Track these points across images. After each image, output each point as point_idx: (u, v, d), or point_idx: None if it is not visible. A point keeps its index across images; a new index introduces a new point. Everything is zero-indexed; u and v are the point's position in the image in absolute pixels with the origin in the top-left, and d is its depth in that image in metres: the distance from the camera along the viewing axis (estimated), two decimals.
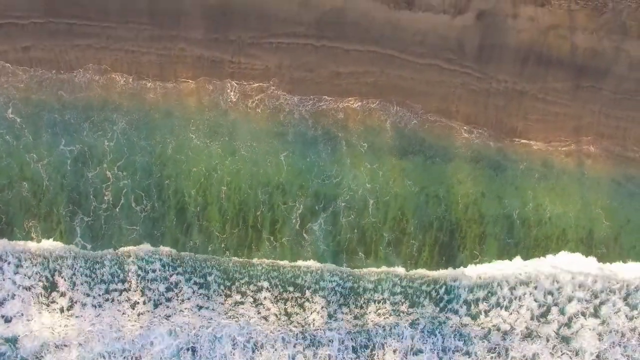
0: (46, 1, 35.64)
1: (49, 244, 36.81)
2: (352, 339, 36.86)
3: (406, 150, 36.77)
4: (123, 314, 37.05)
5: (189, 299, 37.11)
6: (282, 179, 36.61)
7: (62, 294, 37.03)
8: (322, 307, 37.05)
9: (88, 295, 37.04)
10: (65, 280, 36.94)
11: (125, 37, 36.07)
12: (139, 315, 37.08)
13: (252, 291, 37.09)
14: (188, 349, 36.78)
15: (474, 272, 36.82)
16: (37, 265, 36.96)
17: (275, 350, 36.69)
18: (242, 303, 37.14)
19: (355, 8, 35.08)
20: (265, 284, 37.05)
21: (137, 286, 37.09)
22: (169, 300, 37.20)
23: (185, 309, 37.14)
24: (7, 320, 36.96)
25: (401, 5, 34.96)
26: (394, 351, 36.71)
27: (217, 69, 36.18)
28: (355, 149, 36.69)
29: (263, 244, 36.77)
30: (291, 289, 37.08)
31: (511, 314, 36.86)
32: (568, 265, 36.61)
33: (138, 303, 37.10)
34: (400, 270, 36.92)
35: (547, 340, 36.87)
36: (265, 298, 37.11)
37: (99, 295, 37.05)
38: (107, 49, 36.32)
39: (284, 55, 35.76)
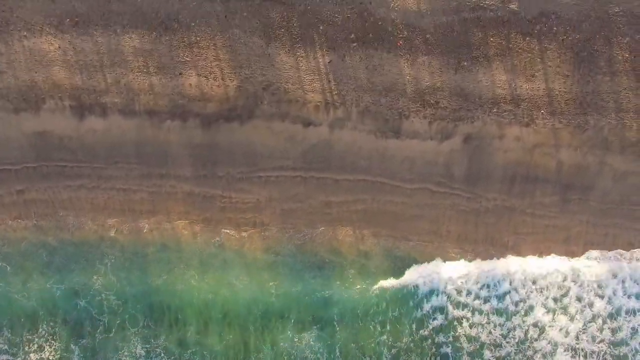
0: (37, 148, 35.98)
1: None
2: None
3: (400, 271, 37.25)
4: None
5: None
6: (275, 306, 37.02)
7: None
8: None
9: None
10: None
11: (115, 177, 36.40)
12: None
13: None
14: None
15: None
16: None
17: None
18: None
19: (342, 140, 35.42)
20: None
21: None
22: None
23: None
24: None
25: (388, 134, 35.31)
26: None
27: (208, 203, 36.51)
28: (345, 272, 37.10)
29: None
30: None
31: None
32: None
33: None
34: None
35: None
36: None
37: None
38: (99, 188, 36.65)
39: (273, 189, 36.13)
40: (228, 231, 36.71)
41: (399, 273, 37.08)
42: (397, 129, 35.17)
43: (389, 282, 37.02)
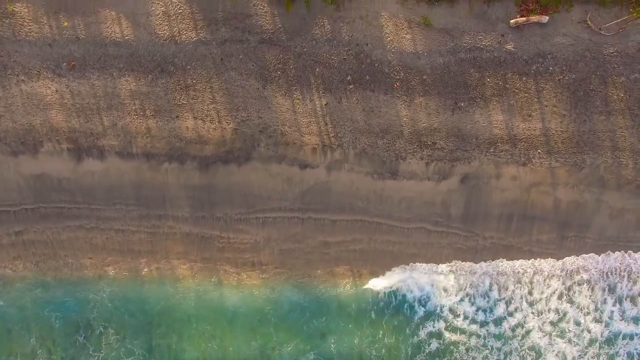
0: (35, 190, 36.05)
1: None
2: None
3: (398, 310, 37.46)
4: None
5: None
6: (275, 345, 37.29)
7: None
8: None
9: None
10: None
11: (113, 217, 36.47)
12: None
13: None
14: None
15: None
16: None
17: None
18: None
19: (339, 181, 35.50)
20: None
21: None
22: None
23: None
24: None
25: (385, 175, 35.38)
26: None
27: (207, 243, 36.61)
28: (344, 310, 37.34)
29: None
30: None
31: None
32: None
33: None
34: None
35: None
36: None
37: None
38: (97, 229, 36.74)
39: (271, 229, 36.23)
40: (227, 268, 36.85)
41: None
42: (394, 170, 35.26)
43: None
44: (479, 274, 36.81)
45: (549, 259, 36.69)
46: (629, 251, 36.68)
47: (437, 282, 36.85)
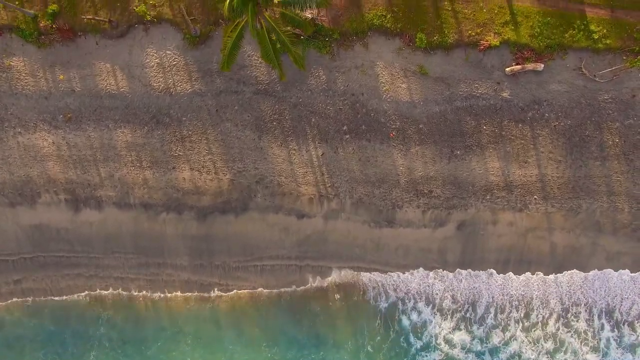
0: (34, 239, 36.27)
1: None
2: None
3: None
4: None
5: None
6: None
7: None
8: None
9: None
10: None
11: (113, 266, 36.76)
12: None
13: None
14: None
15: None
16: None
17: None
18: None
19: (336, 230, 35.66)
20: None
21: None
22: None
23: None
24: None
25: (381, 223, 35.52)
26: None
27: (205, 290, 36.87)
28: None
29: None
30: None
31: None
32: None
33: None
34: None
35: None
36: None
37: None
38: (97, 277, 37.04)
39: (269, 277, 36.47)
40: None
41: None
42: (390, 218, 35.39)
43: None
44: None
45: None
46: None
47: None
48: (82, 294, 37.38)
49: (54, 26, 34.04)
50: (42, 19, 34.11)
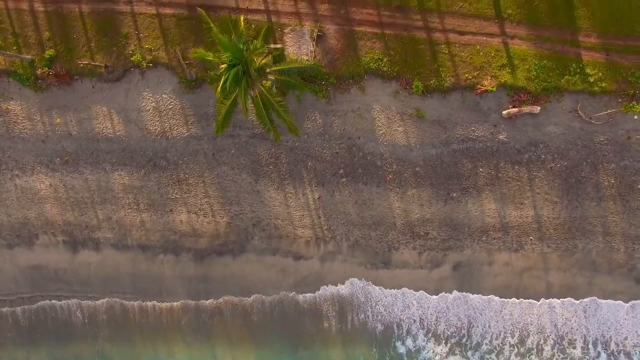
0: (32, 280, 36.53)
1: None
2: None
3: None
4: None
5: None
6: None
7: None
8: None
9: None
10: None
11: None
12: None
13: None
14: None
15: None
16: None
17: None
18: None
19: (332, 271, 35.92)
20: None
21: None
22: None
23: None
24: None
25: (378, 265, 35.70)
26: None
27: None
28: None
29: None
30: None
31: None
32: None
33: None
34: None
35: None
36: None
37: None
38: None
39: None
40: None
41: None
42: (387, 260, 35.57)
43: None
44: None
45: None
46: None
47: None
48: None
49: (50, 72, 34.07)
50: (39, 63, 34.13)
